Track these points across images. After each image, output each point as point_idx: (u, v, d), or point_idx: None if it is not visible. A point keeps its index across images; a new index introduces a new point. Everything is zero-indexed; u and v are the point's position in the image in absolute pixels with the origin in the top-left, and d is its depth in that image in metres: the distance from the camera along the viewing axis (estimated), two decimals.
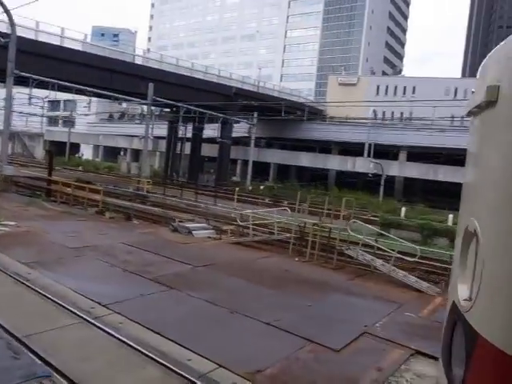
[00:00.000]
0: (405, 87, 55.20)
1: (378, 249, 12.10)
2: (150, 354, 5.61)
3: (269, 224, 14.41)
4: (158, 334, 6.29)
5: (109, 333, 6.10)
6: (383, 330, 7.51)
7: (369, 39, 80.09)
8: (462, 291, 1.98)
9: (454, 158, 42.35)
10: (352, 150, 47.20)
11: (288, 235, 13.20)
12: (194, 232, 14.28)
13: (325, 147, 50.40)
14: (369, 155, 46.59)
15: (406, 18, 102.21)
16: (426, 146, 43.75)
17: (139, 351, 5.69)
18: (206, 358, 5.65)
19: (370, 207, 33.13)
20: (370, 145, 46.90)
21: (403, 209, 32.50)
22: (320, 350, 6.45)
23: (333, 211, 13.35)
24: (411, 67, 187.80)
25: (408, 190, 44.89)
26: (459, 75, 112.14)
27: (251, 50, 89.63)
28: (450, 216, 29.24)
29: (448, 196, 40.18)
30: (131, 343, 5.87)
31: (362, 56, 78.49)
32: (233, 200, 26.69)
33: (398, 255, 11.17)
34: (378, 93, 55.68)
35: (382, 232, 13.75)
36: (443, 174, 42.81)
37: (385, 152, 46.45)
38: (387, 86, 56.29)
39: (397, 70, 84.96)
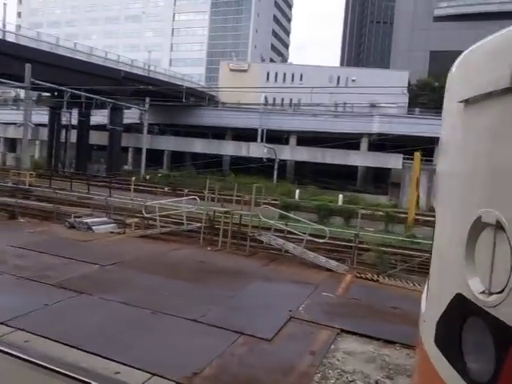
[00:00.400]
0: (293, 74, 57.42)
1: (289, 232, 12.35)
2: (69, 373, 4.91)
3: (177, 214, 13.85)
4: (74, 347, 5.56)
5: (13, 355, 5.20)
6: (307, 313, 7.63)
7: (257, 26, 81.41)
8: (474, 285, 1.87)
9: (344, 142, 45.67)
10: (245, 135, 47.85)
11: (198, 225, 12.80)
12: (94, 227, 13.10)
13: (218, 133, 50.34)
14: (262, 140, 47.72)
15: (290, 6, 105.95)
16: (315, 130, 46.15)
17: (54, 371, 4.94)
18: (137, 369, 5.13)
19: (267, 191, 34.04)
20: (262, 130, 48.01)
21: (297, 191, 33.95)
22: (252, 341, 6.30)
23: (242, 198, 13.25)
24: (295, 55, 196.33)
25: (299, 172, 47.05)
26: (338, 63, 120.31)
27: (137, 32, 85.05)
28: (340, 196, 31.38)
29: (336, 177, 43.16)
30: (43, 363, 5.07)
31: (251, 43, 79.59)
32: (129, 190, 25.26)
33: (309, 237, 11.51)
34: (268, 79, 57.08)
35: (292, 216, 14.07)
36: (331, 156, 45.69)
37: (277, 137, 47.95)
38: (277, 73, 57.98)
39: (284, 58, 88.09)
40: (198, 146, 48.02)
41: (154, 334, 6.26)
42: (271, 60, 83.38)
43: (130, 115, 45.60)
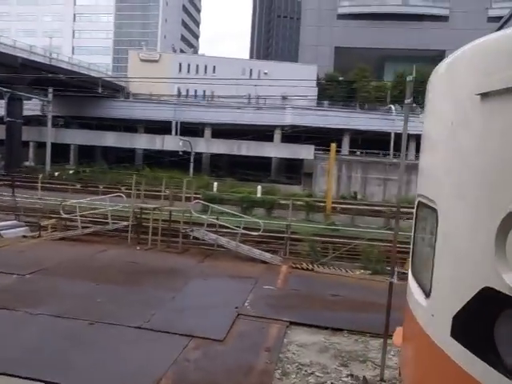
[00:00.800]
0: (206, 66, 56.64)
1: (221, 226, 12.12)
2: None
3: (101, 213, 12.85)
4: (3, 374, 4.82)
5: None
6: (253, 308, 7.51)
7: (166, 16, 78.88)
8: (509, 278, 1.84)
9: (259, 134, 46.24)
10: (159, 128, 46.35)
11: (125, 223, 12.01)
12: (1, 232, 11.68)
13: (130, 126, 48.12)
14: (176, 133, 46.61)
15: None
16: (230, 122, 46.14)
17: None
18: None
19: (183, 184, 33.37)
20: (176, 123, 46.87)
21: (215, 183, 33.72)
22: (205, 343, 6.01)
23: (170, 193, 12.68)
24: (206, 47, 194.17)
25: (215, 165, 46.81)
26: (248, 56, 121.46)
27: (33, 15, 77.68)
28: (259, 187, 31.75)
29: (252, 169, 43.68)
30: None
31: (160, 32, 76.99)
32: (35, 189, 23.04)
33: (243, 231, 11.40)
34: (180, 70, 55.68)
35: (227, 210, 13.82)
36: (246, 148, 46.11)
37: (192, 129, 47.16)
38: (189, 65, 56.74)
39: (195, 50, 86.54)
40: (109, 139, 45.47)
41: (97, 347, 5.68)
42: (181, 51, 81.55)
43: (32, 107, 41.65)
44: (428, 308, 2.61)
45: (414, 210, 3.32)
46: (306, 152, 46.10)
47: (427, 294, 2.67)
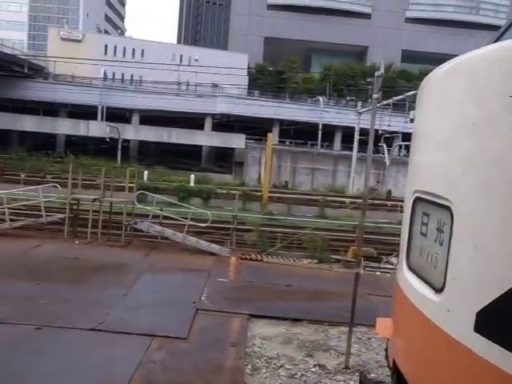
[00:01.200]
0: (134, 49, 54.04)
1: (165, 217, 11.68)
2: None
3: (33, 205, 11.73)
4: None
5: None
6: (211, 303, 7.34)
7: None
8: None
9: (190, 122, 45.29)
10: (83, 112, 43.58)
11: (61, 216, 11.10)
12: None
13: (52, 109, 44.67)
14: (102, 118, 44.21)
15: None
16: (159, 109, 44.66)
17: None
18: None
19: (113, 173, 31.83)
20: (102, 107, 44.42)
21: (145, 172, 32.59)
22: (168, 342, 5.75)
23: (110, 183, 11.95)
24: (131, 29, 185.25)
25: (144, 153, 45.20)
26: (175, 41, 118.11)
27: None
28: (192, 176, 31.15)
29: (182, 157, 42.83)
30: None
31: (82, 10, 71.98)
32: None
33: (191, 222, 11.08)
34: (106, 52, 52.56)
35: (176, 202, 13.33)
36: (177, 136, 45.06)
37: (119, 115, 45.02)
38: (116, 47, 53.69)
39: (122, 32, 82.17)
40: (28, 123, 41.85)
41: (48, 355, 5.17)
42: (106, 32, 77.13)
43: None
44: (442, 303, 2.63)
45: (409, 205, 3.35)
46: (237, 141, 46.14)
47: (438, 290, 2.69)
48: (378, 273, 10.75)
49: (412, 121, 3.80)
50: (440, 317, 2.66)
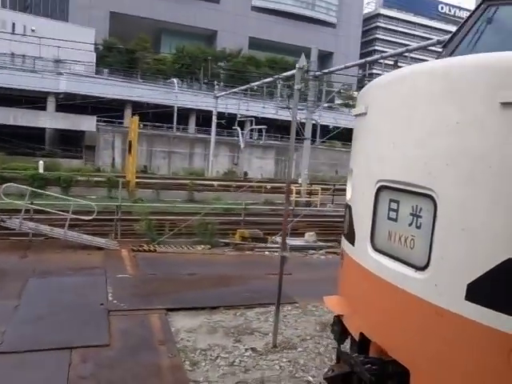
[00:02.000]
0: None
1: (37, 211, 10.29)
2: None
3: None
4: None
5: None
6: (121, 302, 6.84)
7: None
8: None
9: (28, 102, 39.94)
10: None
11: None
12: None
13: None
14: None
15: None
16: None
17: None
18: None
19: None
20: None
21: None
22: (91, 353, 5.20)
23: None
24: None
25: None
26: None
27: None
28: (41, 162, 27.83)
29: (23, 141, 37.81)
30: None
31: None
32: None
33: (73, 216, 9.96)
34: None
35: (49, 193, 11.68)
36: (14, 118, 39.52)
37: None
38: None
39: None
40: None
41: None
42: None
43: None
44: (428, 279, 2.98)
45: (371, 193, 3.63)
46: (87, 123, 42.72)
47: (421, 268, 3.04)
48: (266, 252, 11.31)
49: (356, 116, 4.15)
50: (427, 291, 3.01)
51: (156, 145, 44.60)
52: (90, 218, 10.16)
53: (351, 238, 4.10)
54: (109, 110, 46.55)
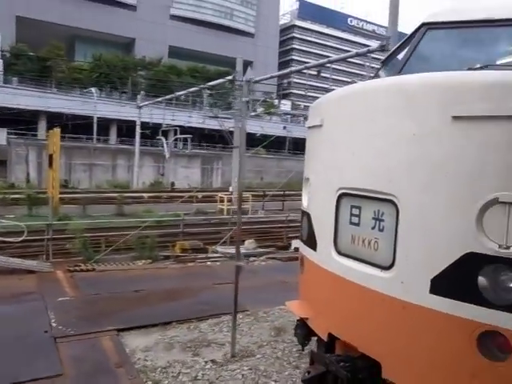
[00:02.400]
0: None
1: None
2: None
3: None
4: None
5: None
6: (67, 327, 6.45)
7: None
8: (489, 244, 2.71)
9: None
10: None
11: None
12: None
13: None
14: None
15: None
16: None
17: None
18: None
19: None
20: None
21: None
22: None
23: None
24: None
25: None
26: None
27: None
28: None
29: None
30: None
31: None
32: None
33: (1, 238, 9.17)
34: None
35: None
36: None
37: None
38: None
39: None
40: None
41: None
42: None
43: None
44: (394, 277, 3.25)
45: (332, 200, 3.86)
46: None
47: (386, 268, 3.31)
48: (208, 263, 11.28)
49: (310, 128, 4.41)
50: (393, 289, 3.27)
51: (76, 157, 42.35)
52: (20, 239, 9.44)
53: (312, 244, 4.28)
54: (20, 122, 43.38)
